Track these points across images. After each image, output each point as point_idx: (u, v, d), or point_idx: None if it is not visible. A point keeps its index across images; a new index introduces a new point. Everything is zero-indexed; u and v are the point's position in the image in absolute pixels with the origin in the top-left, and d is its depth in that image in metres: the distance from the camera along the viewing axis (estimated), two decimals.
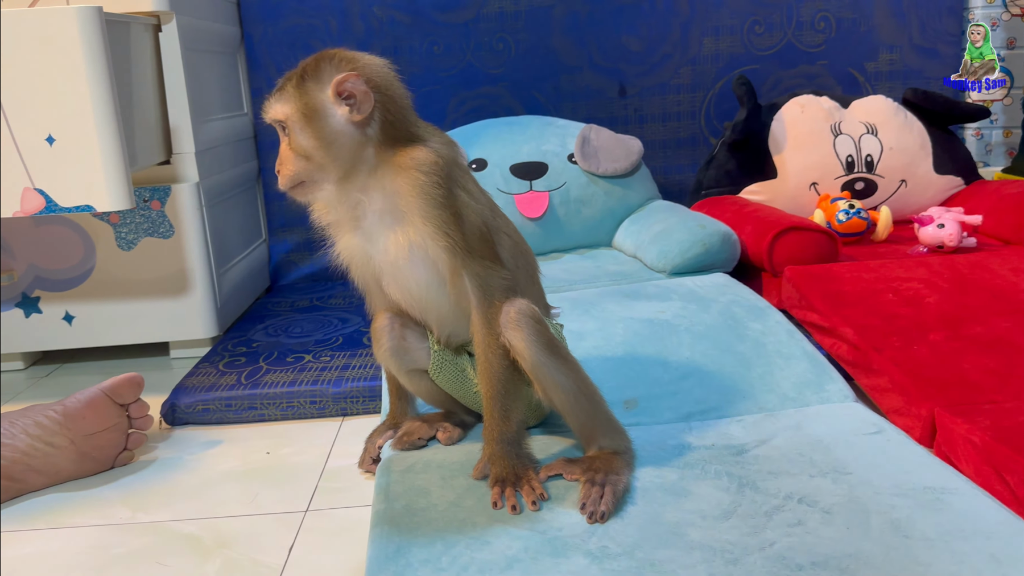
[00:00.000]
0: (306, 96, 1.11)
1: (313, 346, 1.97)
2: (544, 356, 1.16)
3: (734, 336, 1.63)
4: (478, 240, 1.15)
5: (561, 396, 1.18)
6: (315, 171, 1.12)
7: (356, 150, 1.12)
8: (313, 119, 1.10)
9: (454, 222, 1.13)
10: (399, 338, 1.27)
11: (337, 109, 1.10)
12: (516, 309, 1.16)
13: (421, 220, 1.12)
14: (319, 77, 1.11)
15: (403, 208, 1.13)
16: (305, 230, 2.72)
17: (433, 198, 1.12)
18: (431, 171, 1.12)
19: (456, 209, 1.14)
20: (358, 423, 1.69)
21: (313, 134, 1.10)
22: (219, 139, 2.29)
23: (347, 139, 1.11)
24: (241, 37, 2.60)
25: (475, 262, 1.15)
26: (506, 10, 2.61)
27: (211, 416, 1.71)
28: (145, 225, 2.04)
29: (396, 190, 1.13)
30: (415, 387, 1.34)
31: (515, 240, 1.26)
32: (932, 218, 2.09)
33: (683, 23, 2.65)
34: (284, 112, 1.12)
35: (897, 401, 1.48)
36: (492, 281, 1.16)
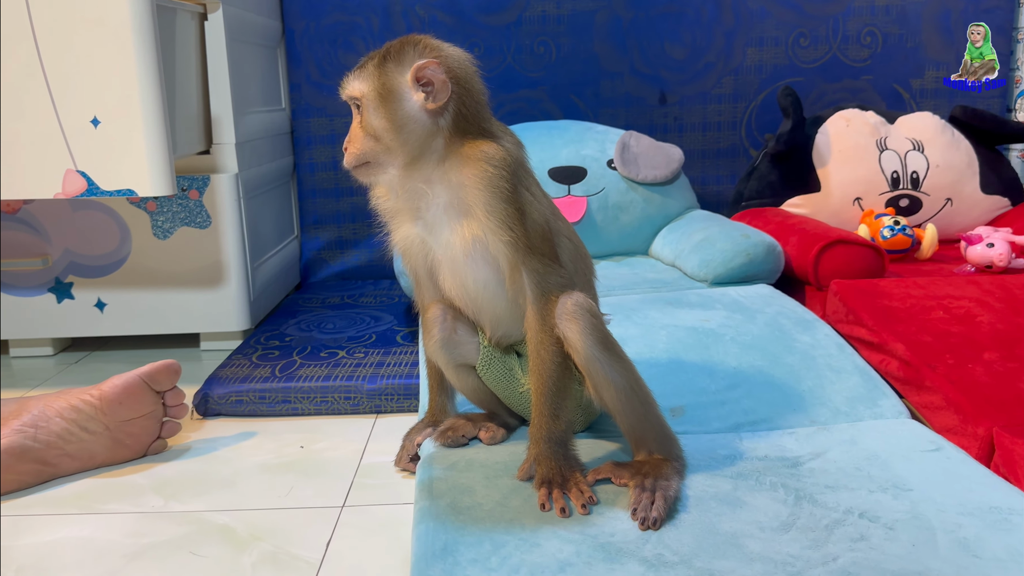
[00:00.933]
0: (384, 77, 1.10)
1: (346, 342, 1.94)
2: (598, 351, 1.14)
3: (782, 348, 1.59)
4: (539, 238, 1.14)
5: (613, 394, 1.15)
6: (382, 153, 1.11)
7: (426, 138, 1.11)
8: (388, 100, 1.10)
9: (518, 218, 1.11)
10: (451, 330, 1.25)
11: (413, 94, 1.10)
12: (573, 301, 1.14)
13: (485, 213, 1.11)
14: (400, 60, 1.11)
15: (468, 200, 1.12)
16: (337, 228, 2.71)
17: (499, 192, 1.10)
18: (499, 165, 1.11)
19: (520, 205, 1.12)
20: (393, 421, 1.66)
21: (386, 115, 1.10)
22: (258, 132, 2.28)
23: (418, 125, 1.11)
24: (282, 32, 2.59)
25: (535, 259, 1.13)
26: (548, 13, 2.59)
27: (244, 408, 1.68)
28: (182, 214, 2.02)
29: (462, 182, 1.11)
30: (461, 383, 1.31)
31: (575, 243, 1.25)
32: (981, 237, 2.04)
33: (727, 32, 2.62)
34: (361, 90, 1.11)
35: (952, 420, 1.43)
36: (550, 278, 1.14)
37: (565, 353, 1.14)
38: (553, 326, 1.13)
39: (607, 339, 1.16)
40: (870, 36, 2.63)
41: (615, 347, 1.17)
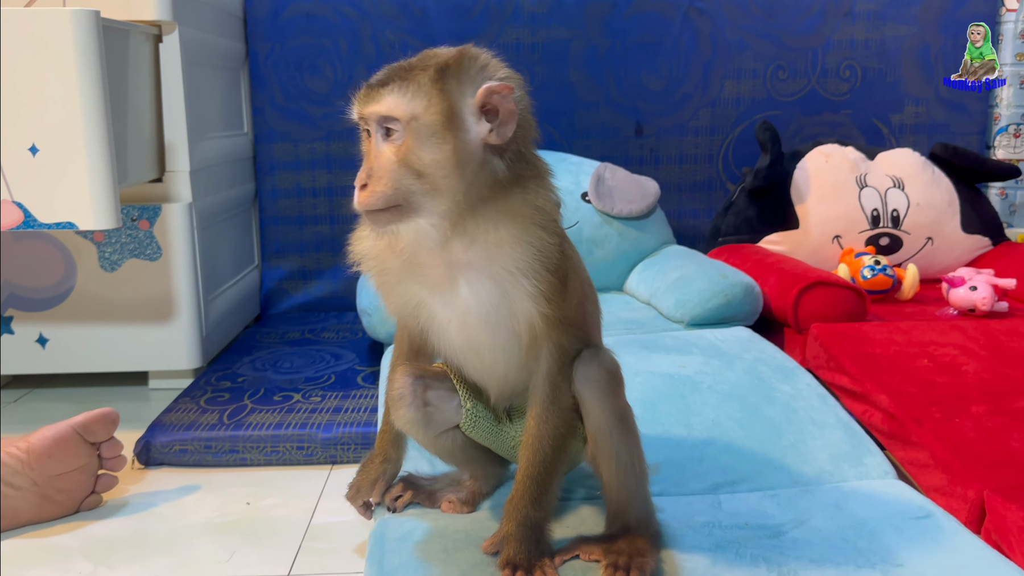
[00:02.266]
0: (446, 96, 0.89)
1: (303, 384, 1.83)
2: (613, 423, 1.04)
3: (762, 398, 1.51)
4: (574, 310, 1.02)
5: (613, 468, 1.05)
6: (424, 194, 0.90)
7: (479, 180, 0.92)
8: (448, 128, 0.89)
9: (560, 289, 0.97)
10: (422, 404, 1.10)
11: (476, 124, 0.91)
12: (599, 362, 1.03)
13: (527, 280, 0.95)
14: (463, 78, 0.91)
15: (507, 263, 0.94)
16: (300, 257, 2.60)
17: (547, 259, 0.94)
18: (553, 227, 0.95)
19: (565, 273, 0.98)
20: (348, 473, 1.53)
21: (440, 147, 0.89)
22: (216, 158, 2.17)
23: (476, 164, 0.91)
24: (246, 54, 2.50)
25: (564, 333, 1.00)
26: (523, 41, 2.52)
27: (188, 458, 1.57)
28: (131, 246, 1.91)
29: (504, 240, 0.94)
30: (437, 448, 1.17)
31: (595, 300, 1.14)
32: (964, 279, 1.98)
33: (705, 64, 2.56)
34: (408, 110, 0.89)
35: (940, 479, 1.36)
36: (571, 352, 1.03)
37: (566, 436, 1.03)
38: (564, 404, 1.03)
39: (624, 411, 1.06)
40: (849, 70, 2.59)
41: (629, 419, 1.07)
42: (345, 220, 2.83)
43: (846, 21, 2.56)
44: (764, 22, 2.55)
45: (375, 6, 2.48)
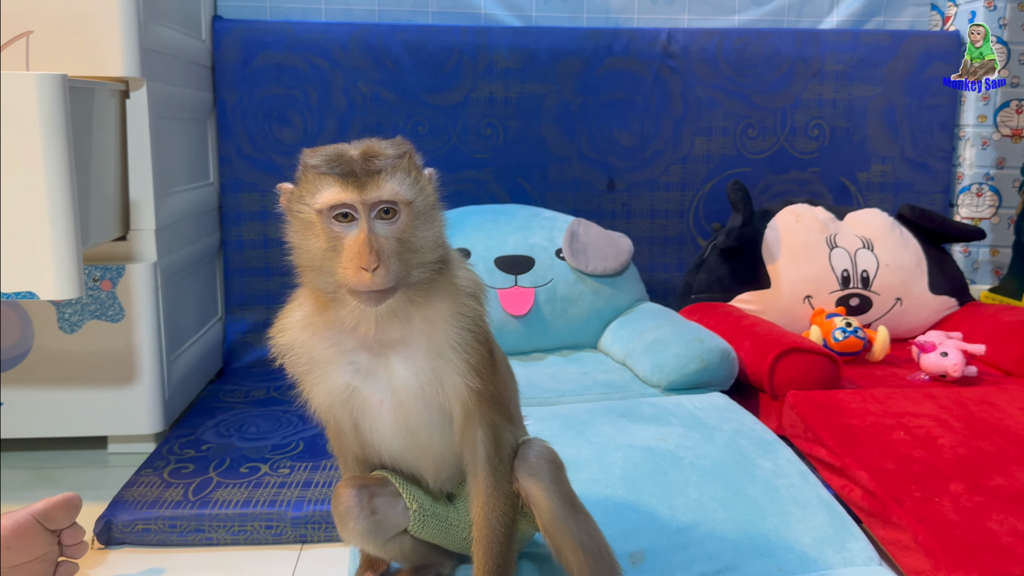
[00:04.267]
0: (423, 179, 0.99)
1: (270, 452, 1.77)
2: (565, 510, 1.04)
3: (744, 476, 1.49)
4: (503, 386, 1.04)
5: (580, 556, 1.05)
6: (418, 267, 0.97)
7: (447, 255, 1.03)
8: (435, 206, 1.00)
9: (489, 361, 1.01)
10: (368, 516, 1.09)
11: (440, 214, 1.02)
12: (535, 453, 1.05)
13: (457, 353, 0.98)
14: (417, 163, 1.00)
15: (439, 337, 0.99)
16: (266, 309, 2.54)
17: (478, 330, 1.00)
18: (479, 299, 1.01)
19: (491, 346, 1.02)
20: (320, 553, 1.49)
21: (433, 225, 0.98)
22: (182, 213, 2.12)
23: (440, 251, 1.01)
24: (213, 103, 2.45)
25: (493, 410, 1.02)
26: (496, 95, 2.51)
27: (152, 537, 1.50)
28: (92, 307, 1.84)
29: (436, 315, 0.99)
30: (390, 554, 1.17)
31: (507, 366, 1.17)
32: (935, 344, 2.00)
33: (676, 121, 2.57)
34: (408, 195, 0.96)
35: (923, 563, 1.35)
36: (504, 434, 1.04)
37: (514, 519, 1.04)
38: (507, 492, 1.03)
39: (571, 494, 1.07)
40: (817, 128, 2.63)
41: (577, 501, 1.08)
42: None
43: (814, 81, 2.60)
44: (734, 81, 2.58)
45: (347, 57, 2.45)
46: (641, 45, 2.53)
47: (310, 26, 2.46)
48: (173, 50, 2.06)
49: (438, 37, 2.47)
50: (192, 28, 2.26)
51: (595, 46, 2.52)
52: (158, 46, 1.92)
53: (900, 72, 2.62)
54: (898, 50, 2.61)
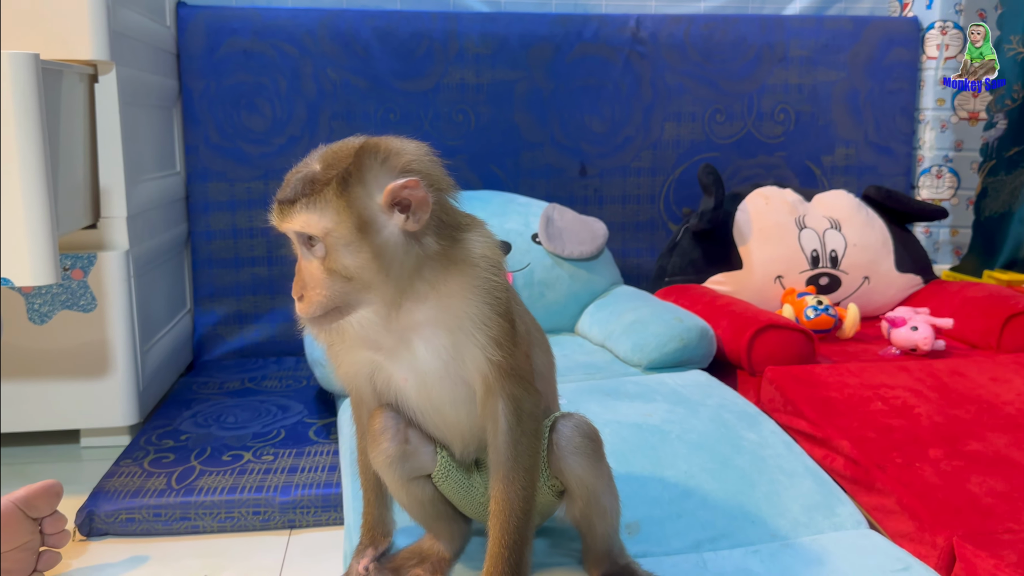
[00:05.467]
0: (353, 206, 0.90)
1: (252, 441, 1.75)
2: (603, 486, 1.07)
3: (730, 447, 1.51)
4: (523, 357, 1.02)
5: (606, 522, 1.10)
6: (359, 292, 0.92)
7: (413, 263, 0.94)
8: (364, 234, 0.90)
9: (510, 333, 0.99)
10: (402, 442, 1.07)
11: (390, 219, 0.92)
12: (574, 427, 1.06)
13: (477, 326, 0.97)
14: (365, 179, 0.91)
15: (458, 312, 0.97)
16: (236, 300, 2.50)
17: (495, 302, 0.98)
18: (497, 271, 0.99)
19: (512, 318, 1.00)
20: (310, 537, 1.48)
21: (361, 251, 0.91)
22: (151, 202, 2.07)
23: (403, 252, 0.93)
24: (179, 91, 2.40)
25: (515, 383, 1.00)
26: (467, 82, 2.50)
27: (136, 527, 1.47)
28: (63, 296, 1.79)
29: (453, 291, 0.96)
30: (408, 499, 1.14)
31: (542, 337, 1.15)
32: (904, 320, 2.05)
33: (646, 107, 2.59)
34: (321, 226, 0.90)
35: (908, 525, 1.38)
36: (526, 406, 1.01)
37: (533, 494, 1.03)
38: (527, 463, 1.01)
39: (609, 471, 1.10)
40: (783, 113, 2.67)
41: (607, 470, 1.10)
42: (283, 261, 2.72)
43: (780, 66, 2.64)
44: (702, 67, 2.61)
45: (316, 44, 2.42)
46: (610, 31, 2.55)
47: (277, 12, 2.43)
48: (140, 35, 2.02)
49: (408, 23, 2.46)
50: (157, 14, 2.21)
51: (565, 32, 2.53)
52: (125, 30, 1.88)
53: (862, 57, 2.67)
54: (860, 36, 2.66)
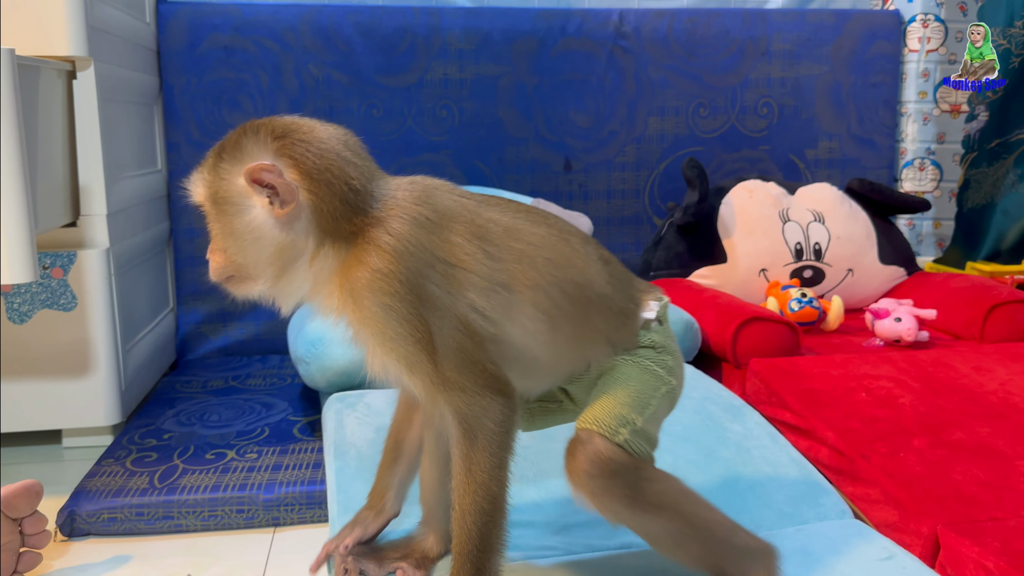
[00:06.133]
0: (218, 180, 0.90)
1: (235, 439, 1.74)
2: (628, 514, 0.97)
3: (715, 439, 1.51)
4: (456, 365, 0.92)
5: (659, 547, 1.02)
6: (236, 266, 0.93)
7: (282, 251, 0.91)
8: (224, 210, 0.91)
9: (422, 348, 0.90)
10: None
11: (255, 200, 0.90)
12: (587, 459, 0.94)
13: (382, 351, 0.92)
14: (237, 157, 0.90)
15: (360, 334, 0.92)
16: (219, 299, 2.48)
17: (389, 322, 0.89)
18: (383, 286, 0.89)
19: (424, 329, 0.90)
20: (295, 535, 1.47)
21: (224, 228, 0.92)
22: (132, 199, 2.05)
23: (270, 237, 0.91)
24: (159, 87, 2.38)
25: (454, 396, 0.93)
26: (451, 77, 2.49)
27: (118, 526, 1.45)
28: (43, 295, 1.77)
29: (345, 311, 0.92)
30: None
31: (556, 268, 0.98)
32: (888, 311, 2.06)
33: (630, 101, 2.59)
34: (197, 195, 0.94)
35: (892, 515, 1.39)
36: (473, 420, 0.93)
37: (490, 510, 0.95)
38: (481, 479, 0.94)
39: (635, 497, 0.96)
40: (766, 107, 2.67)
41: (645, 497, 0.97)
42: None
43: (763, 60, 2.64)
44: (685, 61, 2.61)
45: (298, 39, 2.41)
46: (594, 26, 2.54)
47: (258, 7, 2.41)
48: (119, 31, 2.00)
49: (390, 18, 2.44)
50: (136, 10, 2.19)
51: (548, 27, 2.52)
52: (104, 25, 1.86)
53: (845, 51, 2.68)
54: (842, 29, 2.67)
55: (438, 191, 0.99)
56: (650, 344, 1.07)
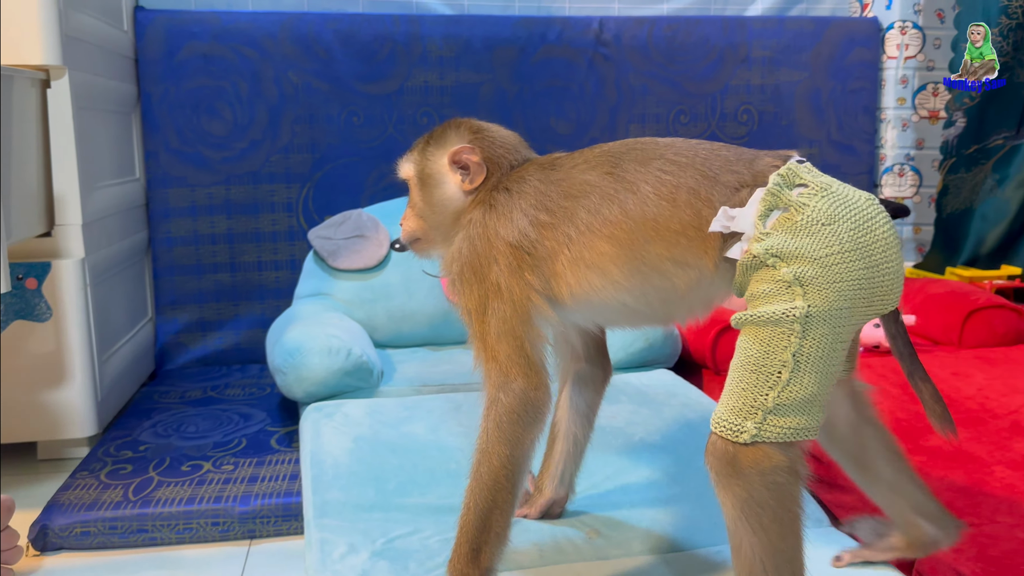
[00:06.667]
0: (426, 160, 1.15)
1: (212, 450, 1.72)
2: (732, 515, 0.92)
3: (694, 449, 1.51)
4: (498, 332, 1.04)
5: (737, 559, 0.95)
6: (429, 230, 1.17)
7: (459, 216, 1.13)
8: (428, 183, 1.15)
9: (478, 318, 1.05)
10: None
11: (452, 176, 1.13)
12: (714, 458, 0.93)
13: (455, 306, 1.10)
14: (442, 143, 1.15)
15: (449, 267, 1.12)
16: (199, 308, 2.47)
17: (461, 293, 1.07)
18: (457, 265, 1.08)
19: (483, 302, 1.05)
20: (270, 547, 1.46)
21: (426, 197, 1.15)
22: (109, 208, 2.04)
23: (458, 207, 1.14)
24: (137, 96, 2.36)
25: (489, 364, 1.05)
26: (431, 84, 2.49)
27: (92, 540, 1.44)
28: (17, 306, 1.75)
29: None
30: None
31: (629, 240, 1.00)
32: None
33: (611, 108, 2.60)
34: (408, 172, 1.18)
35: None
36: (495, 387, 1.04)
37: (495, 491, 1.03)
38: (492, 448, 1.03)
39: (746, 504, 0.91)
40: (746, 114, 2.68)
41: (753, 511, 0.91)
42: (246, 267, 2.69)
43: (743, 67, 2.65)
44: (665, 68, 2.61)
45: (277, 47, 2.40)
46: (574, 33, 2.55)
47: (237, 15, 2.40)
48: (95, 39, 1.98)
49: (370, 26, 2.44)
50: (113, 18, 2.18)
51: (529, 34, 2.52)
52: (79, 34, 1.85)
53: (824, 57, 2.69)
54: (821, 36, 2.68)
55: (535, 169, 1.11)
56: (765, 258, 0.91)
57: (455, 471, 1.40)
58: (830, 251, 0.90)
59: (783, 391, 0.90)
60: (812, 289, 0.89)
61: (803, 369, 0.90)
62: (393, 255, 2.16)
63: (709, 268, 0.98)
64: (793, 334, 0.89)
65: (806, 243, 0.90)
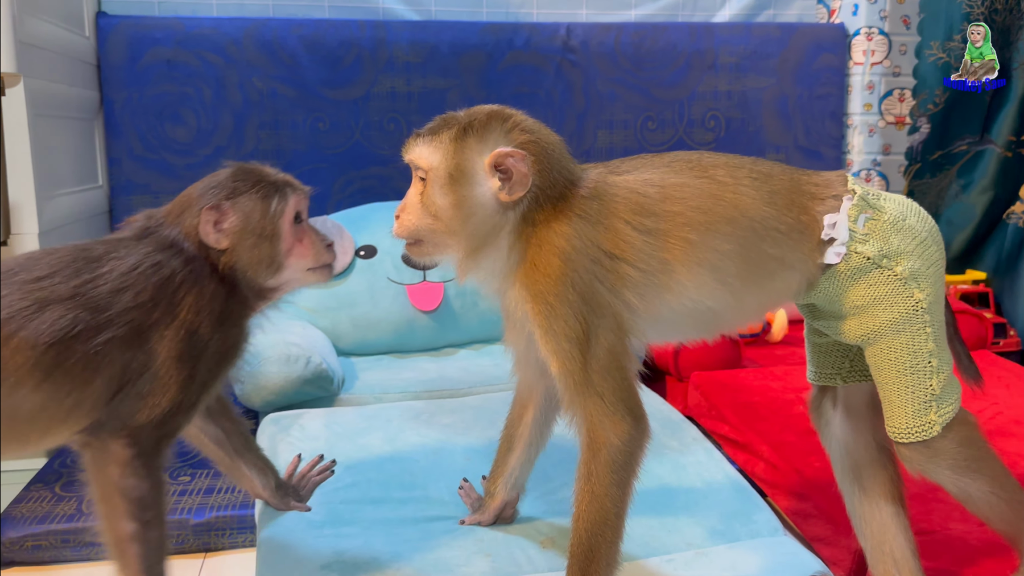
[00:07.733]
0: (460, 154, 0.97)
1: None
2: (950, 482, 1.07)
3: (651, 456, 1.48)
4: (603, 367, 0.95)
5: (972, 507, 1.11)
6: (440, 234, 0.99)
7: (491, 229, 0.98)
8: (459, 181, 0.97)
9: (576, 346, 0.94)
10: None
11: (488, 180, 0.97)
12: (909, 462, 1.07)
13: (543, 345, 0.96)
14: (484, 137, 0.98)
15: (531, 328, 0.97)
16: None
17: (554, 321, 0.94)
18: (550, 288, 0.94)
19: (583, 328, 0.94)
20: (225, 560, 1.45)
21: (453, 197, 0.97)
22: (68, 216, 2.02)
23: (486, 215, 0.98)
24: (100, 102, 2.34)
25: (591, 400, 0.96)
26: (398, 90, 2.48)
27: (44, 554, 1.42)
28: None
29: (516, 292, 0.97)
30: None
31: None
32: None
33: (579, 115, 2.60)
34: (429, 161, 0.98)
35: (823, 529, 1.40)
36: (603, 435, 0.97)
37: (601, 520, 0.99)
38: (599, 491, 0.98)
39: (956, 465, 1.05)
40: (714, 120, 2.69)
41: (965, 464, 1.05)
42: None
43: (710, 73, 2.66)
44: (633, 74, 2.62)
45: (242, 53, 2.38)
46: (541, 39, 2.55)
47: (201, 21, 2.39)
48: (54, 46, 1.96)
49: (335, 31, 2.43)
50: (74, 24, 2.16)
51: (496, 40, 2.52)
52: (36, 41, 1.83)
53: (791, 64, 2.71)
54: (788, 42, 2.70)
55: (610, 176, 1.02)
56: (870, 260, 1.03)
57: (409, 483, 1.39)
58: (919, 242, 1.03)
59: (939, 374, 1.02)
60: (923, 280, 1.02)
61: (940, 346, 1.03)
62: (358, 262, 2.15)
63: (812, 271, 1.04)
64: (926, 324, 1.01)
65: (900, 240, 1.02)
